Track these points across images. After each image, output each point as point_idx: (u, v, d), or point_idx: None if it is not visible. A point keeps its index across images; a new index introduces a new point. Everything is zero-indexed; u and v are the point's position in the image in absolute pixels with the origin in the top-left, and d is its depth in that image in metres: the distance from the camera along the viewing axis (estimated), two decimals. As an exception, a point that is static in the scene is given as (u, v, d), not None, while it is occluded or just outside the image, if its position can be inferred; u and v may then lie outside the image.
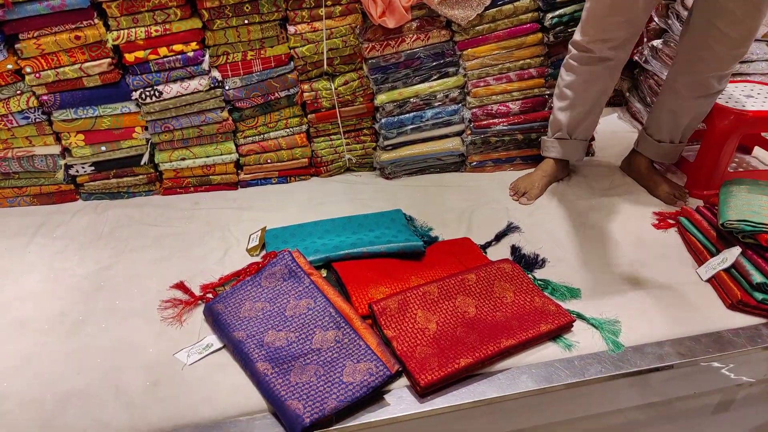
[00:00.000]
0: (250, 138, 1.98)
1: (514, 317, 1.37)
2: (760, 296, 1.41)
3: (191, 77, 1.80)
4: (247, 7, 1.72)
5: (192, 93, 1.82)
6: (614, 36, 1.70)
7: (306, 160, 2.07)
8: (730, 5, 1.58)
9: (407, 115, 2.03)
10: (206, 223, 1.85)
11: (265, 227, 1.74)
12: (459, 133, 2.11)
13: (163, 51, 1.74)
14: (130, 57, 1.73)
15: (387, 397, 1.21)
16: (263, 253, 1.65)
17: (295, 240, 1.66)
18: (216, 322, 1.35)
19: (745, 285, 1.45)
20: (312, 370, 1.18)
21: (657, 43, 2.31)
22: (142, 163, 1.92)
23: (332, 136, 2.07)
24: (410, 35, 1.89)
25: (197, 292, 1.50)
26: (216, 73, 1.83)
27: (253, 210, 1.92)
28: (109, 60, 1.73)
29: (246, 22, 1.75)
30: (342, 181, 2.10)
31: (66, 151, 1.88)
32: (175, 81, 1.80)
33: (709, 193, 1.95)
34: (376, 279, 1.49)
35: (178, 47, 1.74)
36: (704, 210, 1.75)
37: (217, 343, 1.33)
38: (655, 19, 2.28)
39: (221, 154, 1.97)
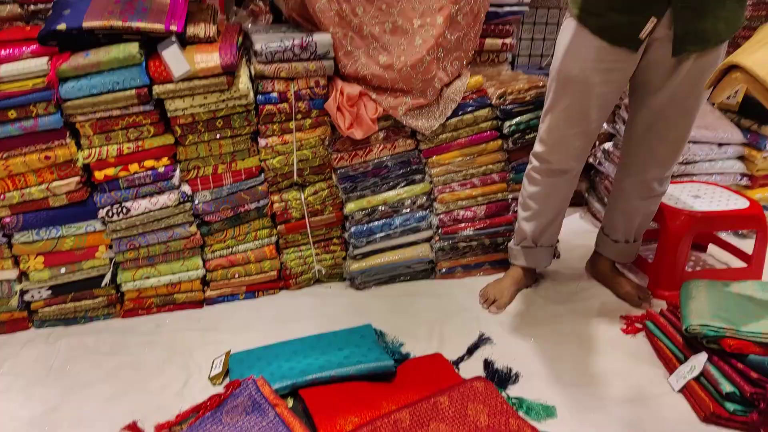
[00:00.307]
0: (219, 252, 1.93)
1: (491, 440, 1.27)
2: (731, 407, 1.36)
3: (160, 192, 1.78)
4: (220, 123, 1.76)
5: (161, 208, 1.78)
6: (571, 148, 1.78)
7: (275, 272, 2.01)
8: (665, 111, 1.71)
9: (376, 223, 2.04)
10: (167, 348, 1.73)
11: (230, 351, 1.64)
12: (427, 240, 2.12)
13: (134, 167, 1.73)
14: (99, 175, 1.71)
15: None
16: (227, 381, 1.53)
17: (261, 364, 1.56)
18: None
19: (716, 395, 1.41)
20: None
21: (608, 146, 2.48)
22: (103, 284, 1.82)
23: (302, 247, 2.04)
24: (377, 145, 1.96)
25: (153, 432, 1.35)
26: (186, 188, 1.82)
27: (218, 331, 1.81)
28: (77, 179, 1.70)
29: (218, 136, 1.78)
30: (311, 294, 2.04)
31: (23, 276, 1.77)
32: (144, 197, 1.77)
33: (671, 294, 1.96)
34: (345, 407, 1.39)
35: (149, 163, 1.74)
36: (668, 313, 1.73)
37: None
38: (604, 125, 2.46)
39: (187, 271, 1.89)
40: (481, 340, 1.74)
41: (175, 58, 1.56)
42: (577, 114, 1.72)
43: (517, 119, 2.05)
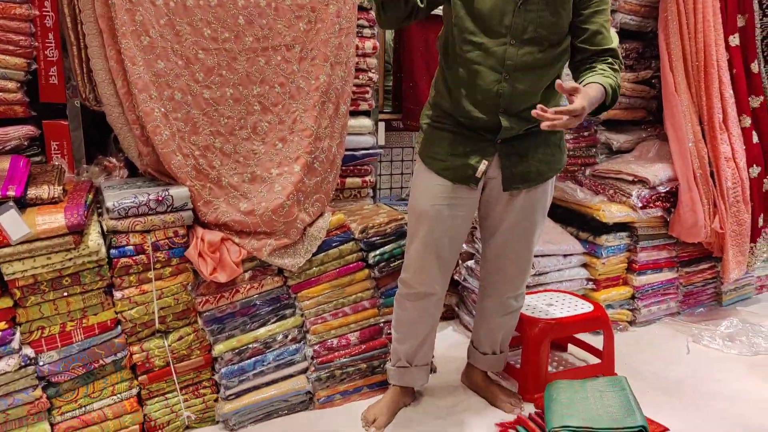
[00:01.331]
0: (69, 413, 1.78)
1: None
2: None
3: (-3, 358, 1.63)
4: (67, 280, 1.68)
5: (-2, 375, 1.63)
6: (431, 273, 1.92)
7: (137, 426, 1.88)
8: (508, 239, 1.93)
9: (248, 361, 2.00)
10: None
11: None
12: (303, 371, 2.11)
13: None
14: None
15: None
16: None
17: None
18: None
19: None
20: None
21: (470, 263, 2.66)
22: (-77, 467, 1.60)
23: (168, 395, 1.93)
24: (244, 285, 1.96)
25: None
26: (28, 350, 1.68)
27: (68, 503, 1.64)
28: None
29: (65, 294, 1.69)
30: (180, 445, 1.92)
31: None
32: (-24, 366, 1.61)
33: (538, 396, 2.11)
34: None
35: (-17, 331, 1.60)
36: (536, 417, 1.88)
37: None
38: (464, 245, 2.64)
39: (31, 439, 1.72)
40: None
41: (12, 222, 1.50)
42: (432, 243, 1.88)
43: (381, 250, 2.15)
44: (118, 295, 1.78)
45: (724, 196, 2.72)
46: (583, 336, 2.57)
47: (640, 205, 2.64)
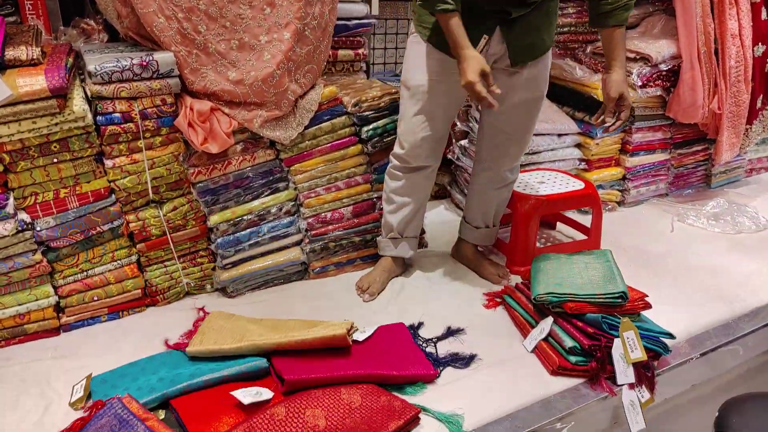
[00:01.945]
0: (71, 277, 1.84)
1: (363, 421, 1.37)
2: (574, 359, 1.58)
3: (-6, 222, 1.66)
4: (55, 146, 1.67)
5: (-4, 239, 1.67)
6: (425, 148, 1.95)
7: (139, 291, 1.96)
8: (510, 113, 1.91)
9: (243, 232, 2.04)
10: (21, 380, 1.64)
11: (91, 374, 1.59)
12: (298, 243, 2.16)
13: (-42, 198, 1.60)
14: None
15: None
16: (89, 403, 1.49)
17: (126, 381, 1.53)
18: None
19: (561, 350, 1.62)
20: None
21: (464, 142, 2.64)
22: (-63, 323, 1.68)
23: (166, 263, 2.00)
24: (236, 157, 1.95)
25: (9, 467, 1.30)
26: (24, 215, 1.71)
27: (79, 356, 1.74)
28: None
29: (55, 160, 1.68)
30: (181, 308, 2.01)
31: None
32: (-26, 229, 1.64)
33: (525, 269, 2.19)
34: (220, 410, 1.42)
35: (-25, 194, 1.61)
36: (522, 287, 1.96)
37: None
38: (458, 124, 2.61)
39: (36, 300, 1.79)
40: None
41: (-7, 84, 1.45)
42: (426, 118, 1.88)
43: (374, 125, 2.12)
44: (109, 163, 1.78)
45: (726, 75, 2.66)
46: (572, 215, 2.63)
47: (639, 83, 2.58)
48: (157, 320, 1.94)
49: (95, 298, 1.89)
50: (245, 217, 2.03)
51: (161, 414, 1.43)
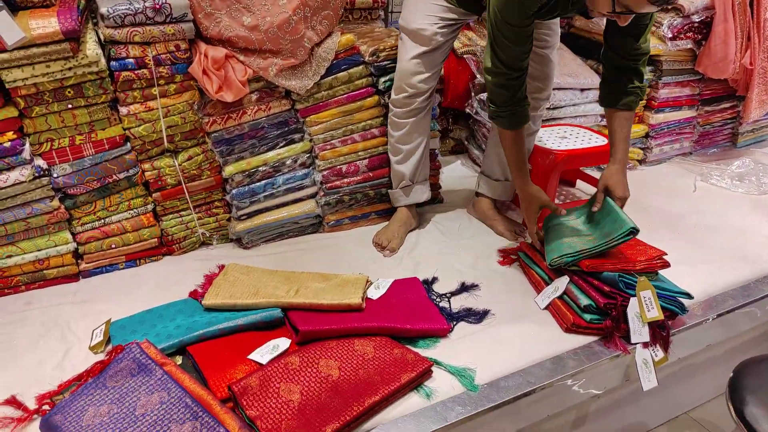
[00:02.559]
0: (89, 224, 1.86)
1: (376, 372, 1.39)
2: (588, 317, 1.58)
3: (10, 168, 1.66)
4: (69, 92, 1.64)
5: (13, 185, 1.67)
6: (422, 90, 1.95)
7: (155, 240, 1.97)
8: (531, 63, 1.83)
9: (258, 183, 2.03)
10: (41, 324, 1.68)
11: (110, 320, 1.62)
12: (312, 196, 2.15)
13: (-26, 142, 1.59)
14: (-66, 151, 1.57)
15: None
16: (109, 348, 1.52)
17: (144, 328, 1.56)
18: (54, 437, 1.21)
19: (576, 308, 1.61)
20: (166, 471, 1.10)
21: (483, 96, 2.57)
22: (-41, 265, 1.72)
23: (182, 212, 2.00)
24: (251, 107, 1.92)
25: (32, 406, 1.34)
26: (40, 162, 1.71)
27: (97, 302, 1.78)
28: None
29: (70, 106, 1.67)
30: (197, 257, 2.02)
31: None
32: (-8, 173, 1.65)
33: (539, 225, 2.17)
34: (235, 357, 1.44)
35: (-8, 137, 1.61)
36: (537, 244, 1.93)
37: (58, 461, 1.19)
38: (478, 75, 2.53)
39: (55, 246, 1.81)
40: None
41: (6, 25, 1.42)
42: (425, 62, 1.90)
43: (391, 75, 2.06)
44: (123, 110, 1.76)
45: (760, 29, 2.53)
46: (592, 172, 2.58)
47: (670, 35, 2.47)
48: (173, 269, 1.96)
49: (113, 246, 1.91)
50: (260, 169, 2.01)
51: (178, 360, 1.46)
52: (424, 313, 1.63)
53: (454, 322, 1.65)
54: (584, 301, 1.59)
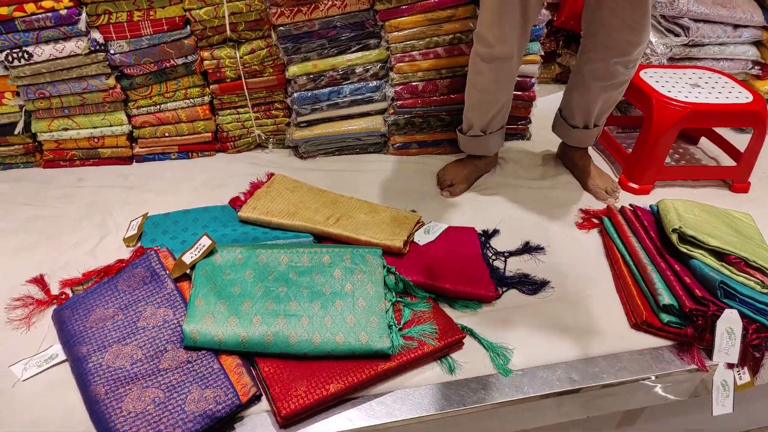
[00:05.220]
0: (145, 108, 1.78)
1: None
2: (666, 318, 1.31)
3: (66, 38, 1.58)
4: (125, -39, 1.49)
5: (69, 56, 1.60)
6: (509, 27, 1.51)
7: (210, 134, 1.87)
8: None
9: (323, 90, 1.84)
10: (87, 203, 1.67)
11: (147, 214, 1.57)
12: (381, 112, 1.93)
13: (30, 7, 1.51)
14: (-10, 12, 1.50)
15: (241, 426, 1.08)
16: (139, 245, 1.48)
17: (177, 229, 1.50)
18: (61, 331, 1.19)
19: (653, 304, 1.35)
20: (151, 395, 1.05)
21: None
22: (17, 132, 1.71)
23: (239, 109, 1.87)
24: (325, 1, 1.68)
25: (56, 289, 1.34)
26: (97, 35, 1.61)
27: (144, 190, 1.74)
28: (-35, 15, 1.49)
29: (126, -24, 1.52)
30: (249, 160, 1.92)
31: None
32: (47, 42, 1.58)
33: (642, 188, 1.85)
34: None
35: (47, 3, 1.52)
36: (629, 212, 1.63)
37: (63, 354, 1.18)
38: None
39: (110, 125, 1.76)
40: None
41: None
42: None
43: (494, -19, 1.71)
44: (183, -12, 1.59)
45: None
46: (722, 132, 2.12)
47: None
48: (224, 167, 1.87)
49: (166, 134, 1.84)
50: (327, 73, 1.81)
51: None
52: (471, 271, 1.43)
53: (504, 288, 1.44)
54: (666, 298, 1.31)
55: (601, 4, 1.51)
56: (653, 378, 1.27)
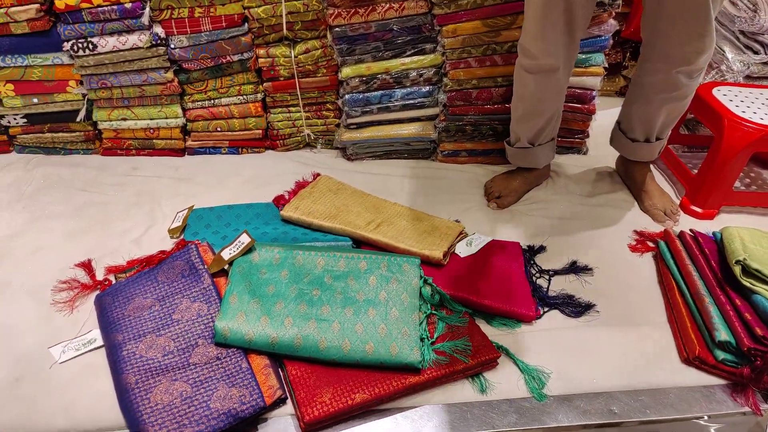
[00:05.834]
0: (199, 102, 1.82)
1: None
2: (721, 355, 1.21)
3: (130, 31, 1.63)
4: (190, -42, 1.52)
5: (131, 49, 1.65)
6: (553, 39, 1.45)
7: (260, 131, 1.89)
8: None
9: (374, 92, 1.82)
10: (139, 192, 1.72)
11: (193, 206, 1.59)
12: (432, 118, 1.90)
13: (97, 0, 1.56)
14: (60, 3, 1.57)
15: (264, 427, 1.08)
16: (182, 237, 1.50)
17: (220, 224, 1.52)
18: (101, 316, 1.22)
19: (707, 339, 1.25)
20: (179, 389, 1.06)
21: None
22: (78, 119, 1.78)
23: (291, 108, 1.88)
24: (382, 4, 1.66)
25: (102, 275, 1.38)
26: (159, 29, 1.65)
27: (192, 183, 1.77)
28: (37, 6, 1.57)
29: (189, -26, 1.56)
30: (298, 159, 1.92)
31: (-1, 101, 1.76)
32: (111, 34, 1.63)
33: (706, 213, 1.73)
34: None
35: (113, -4, 1.57)
36: (689, 238, 1.52)
37: (101, 340, 1.21)
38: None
39: (166, 118, 1.81)
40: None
41: None
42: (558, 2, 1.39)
43: (558, -11, 1.64)
44: (243, -14, 1.61)
45: None
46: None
47: None
48: (271, 164, 1.89)
49: (218, 129, 1.87)
50: (380, 76, 1.79)
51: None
52: (512, 288, 1.38)
53: (546, 309, 1.38)
54: (723, 335, 1.21)
55: (660, 11, 1.42)
56: (705, 418, 1.18)
